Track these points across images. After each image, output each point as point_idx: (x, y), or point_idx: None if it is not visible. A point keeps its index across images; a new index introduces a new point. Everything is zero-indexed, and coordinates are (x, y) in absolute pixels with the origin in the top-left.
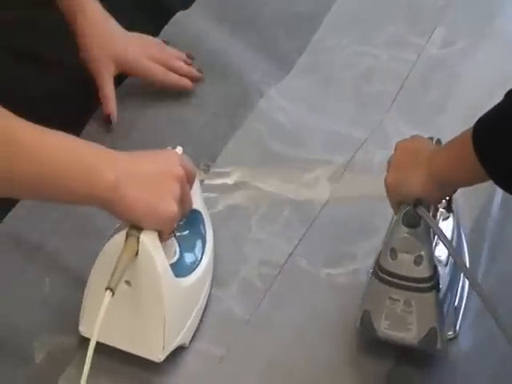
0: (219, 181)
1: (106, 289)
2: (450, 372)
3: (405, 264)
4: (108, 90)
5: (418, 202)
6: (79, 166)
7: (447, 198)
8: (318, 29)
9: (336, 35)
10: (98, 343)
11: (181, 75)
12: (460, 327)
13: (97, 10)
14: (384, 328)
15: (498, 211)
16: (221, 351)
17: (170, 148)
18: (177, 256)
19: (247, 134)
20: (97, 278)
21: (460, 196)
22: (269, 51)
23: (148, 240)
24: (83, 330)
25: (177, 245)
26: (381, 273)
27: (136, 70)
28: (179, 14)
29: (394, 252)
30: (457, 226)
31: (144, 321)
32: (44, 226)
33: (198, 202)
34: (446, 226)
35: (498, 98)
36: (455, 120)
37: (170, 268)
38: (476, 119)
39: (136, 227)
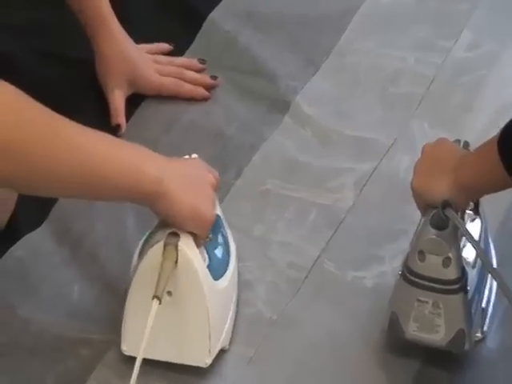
0: (247, 188)
1: (153, 298)
2: (477, 373)
3: (433, 266)
4: (118, 101)
5: (446, 204)
6: (125, 165)
7: (474, 201)
8: (345, 31)
9: (363, 37)
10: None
11: (195, 85)
12: (488, 328)
13: (116, 29)
14: (412, 330)
15: None
16: (250, 352)
17: (187, 156)
18: (207, 261)
19: (273, 147)
20: (136, 292)
21: (486, 199)
22: (296, 52)
23: (186, 247)
24: (126, 348)
25: (205, 250)
26: (409, 275)
27: (150, 88)
28: (209, 18)
29: (422, 254)
30: (484, 228)
31: (189, 328)
32: (74, 235)
33: (217, 207)
34: (473, 228)
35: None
36: (481, 122)
37: (209, 272)
38: (502, 122)
39: (172, 235)
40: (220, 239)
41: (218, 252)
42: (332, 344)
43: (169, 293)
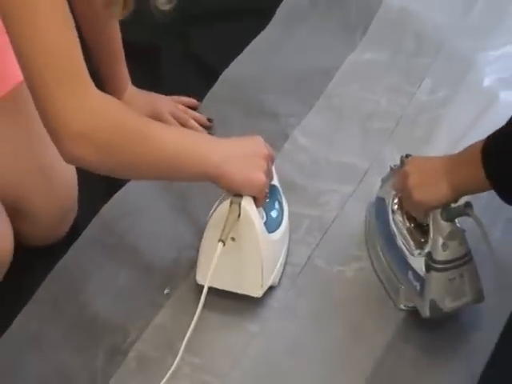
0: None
1: (219, 241)
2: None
3: (454, 249)
4: None
5: (467, 205)
6: (195, 154)
7: None
8: (332, 79)
9: (346, 84)
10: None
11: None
12: None
13: (134, 90)
14: (448, 304)
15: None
16: (255, 328)
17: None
18: (264, 218)
19: (275, 170)
20: (209, 236)
21: None
22: (294, 97)
23: (247, 205)
24: (199, 278)
25: (263, 210)
26: (439, 265)
27: (160, 120)
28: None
29: (445, 245)
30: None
31: (246, 267)
32: (120, 228)
33: (275, 179)
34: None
35: (470, 136)
36: (438, 152)
37: (264, 226)
38: (453, 152)
39: (237, 196)
40: (276, 205)
41: (274, 213)
42: (320, 323)
43: (232, 238)
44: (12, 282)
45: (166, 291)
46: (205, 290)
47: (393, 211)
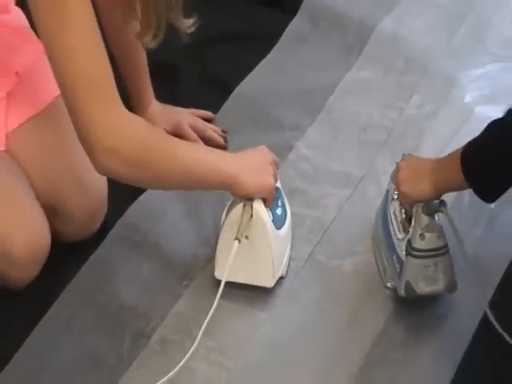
0: None
1: (235, 239)
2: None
3: (431, 240)
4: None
5: (442, 203)
6: (213, 168)
7: None
8: (332, 95)
9: (344, 100)
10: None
11: (210, 145)
12: None
13: (158, 105)
14: (422, 288)
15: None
16: (264, 315)
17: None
18: (271, 216)
19: (281, 176)
20: (225, 236)
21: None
22: (298, 111)
23: (258, 206)
24: (218, 274)
25: (269, 210)
26: (416, 252)
27: (180, 132)
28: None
29: (422, 236)
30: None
31: (259, 261)
32: (144, 227)
33: (278, 182)
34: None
35: (451, 145)
36: None
37: (272, 224)
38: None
39: (249, 199)
40: (280, 203)
41: (278, 211)
42: (320, 309)
43: (246, 237)
44: (49, 274)
45: (184, 283)
46: (222, 284)
47: (392, 199)
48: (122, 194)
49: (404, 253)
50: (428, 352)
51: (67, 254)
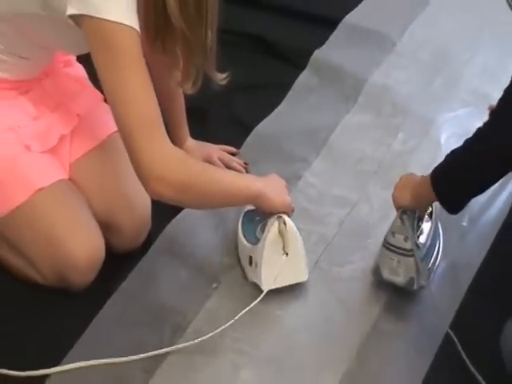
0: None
1: (283, 254)
2: (421, 305)
3: (399, 240)
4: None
5: (403, 211)
6: (244, 188)
7: (430, 210)
8: (332, 134)
9: (342, 140)
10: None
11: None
12: (430, 280)
13: (193, 141)
14: (386, 274)
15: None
16: (280, 312)
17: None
18: None
19: (292, 201)
20: (269, 248)
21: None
22: (305, 148)
23: (288, 220)
24: (265, 286)
25: None
26: (387, 244)
27: (210, 163)
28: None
29: (393, 234)
30: (433, 227)
31: (293, 263)
32: (181, 239)
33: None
34: (426, 225)
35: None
36: None
37: (298, 231)
38: None
39: (277, 216)
40: None
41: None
42: (323, 306)
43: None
44: (103, 278)
45: (214, 285)
46: (264, 292)
47: None
48: (163, 213)
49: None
50: (411, 343)
51: (118, 262)
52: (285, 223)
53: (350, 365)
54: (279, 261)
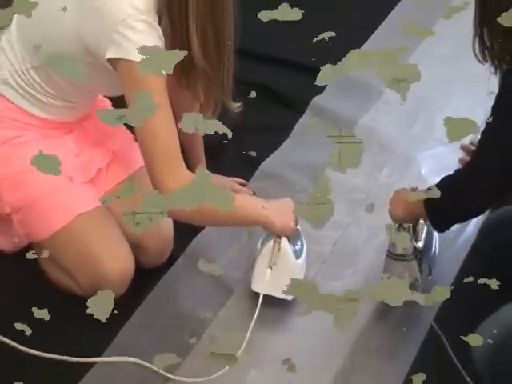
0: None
1: (267, 267)
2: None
3: (400, 249)
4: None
5: (399, 226)
6: (254, 211)
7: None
8: (328, 168)
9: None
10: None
11: None
12: (430, 279)
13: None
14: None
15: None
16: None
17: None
18: (293, 249)
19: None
20: (261, 262)
21: None
22: (306, 178)
23: (284, 243)
24: (254, 287)
25: (292, 245)
26: (390, 254)
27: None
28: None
29: (395, 245)
30: (428, 227)
31: (283, 281)
32: (200, 256)
33: (299, 225)
34: (422, 229)
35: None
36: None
37: (293, 254)
38: None
39: (278, 237)
40: (298, 242)
41: (297, 247)
42: (320, 315)
43: (275, 264)
44: (132, 290)
45: (227, 295)
46: (261, 297)
47: None
48: (184, 232)
49: None
50: (402, 340)
51: (145, 276)
52: (279, 244)
53: (344, 362)
54: (267, 272)
